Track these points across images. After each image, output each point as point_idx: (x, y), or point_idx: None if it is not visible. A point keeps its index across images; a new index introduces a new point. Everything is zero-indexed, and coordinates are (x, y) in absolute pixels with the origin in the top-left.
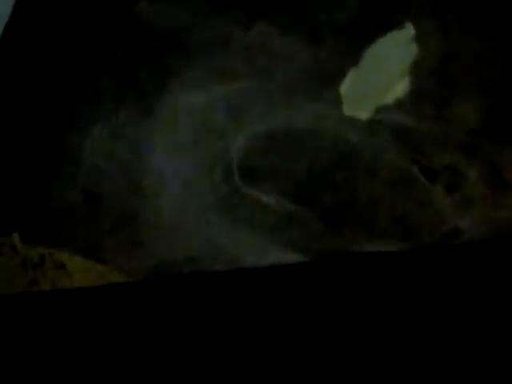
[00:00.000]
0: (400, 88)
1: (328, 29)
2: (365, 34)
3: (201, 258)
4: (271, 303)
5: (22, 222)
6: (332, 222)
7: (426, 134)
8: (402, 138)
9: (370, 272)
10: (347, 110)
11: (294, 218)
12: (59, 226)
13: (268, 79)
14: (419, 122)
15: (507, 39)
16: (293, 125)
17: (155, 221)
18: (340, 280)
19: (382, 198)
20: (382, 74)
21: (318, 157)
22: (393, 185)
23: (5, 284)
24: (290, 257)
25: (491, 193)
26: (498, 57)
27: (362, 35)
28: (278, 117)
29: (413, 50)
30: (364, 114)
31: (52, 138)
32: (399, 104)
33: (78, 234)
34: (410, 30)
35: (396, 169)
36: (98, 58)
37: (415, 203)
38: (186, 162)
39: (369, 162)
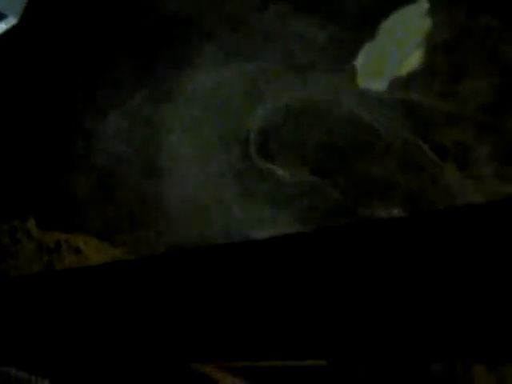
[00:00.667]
0: (413, 60)
1: (343, 5)
2: (379, 9)
3: (216, 236)
4: (281, 274)
5: (38, 208)
6: (345, 197)
7: (437, 110)
8: (413, 115)
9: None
10: (362, 83)
11: (310, 190)
12: (75, 211)
13: (284, 57)
14: (430, 98)
15: None
16: (308, 101)
17: (171, 203)
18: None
19: (394, 174)
20: (396, 47)
21: (331, 132)
22: (404, 161)
23: (21, 269)
24: (304, 229)
25: (502, 169)
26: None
27: (376, 11)
28: (293, 93)
29: (426, 24)
30: (378, 86)
31: (68, 122)
32: (412, 76)
33: (93, 218)
34: (423, 4)
35: (407, 145)
36: (114, 42)
37: (426, 180)
38: (202, 141)
39: (380, 139)
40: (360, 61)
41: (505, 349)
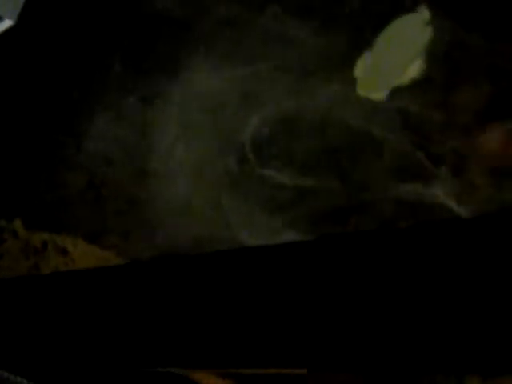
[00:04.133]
0: (414, 69)
1: (341, 12)
2: (378, 17)
3: (211, 241)
4: (281, 282)
5: (25, 208)
6: (337, 205)
7: (432, 118)
8: (408, 123)
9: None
10: (361, 91)
11: (306, 197)
12: (62, 212)
13: (281, 62)
14: (425, 106)
15: None
16: (305, 107)
17: (163, 206)
18: (345, 259)
19: (387, 182)
20: (396, 56)
21: (328, 139)
22: (397, 169)
23: (6, 269)
24: (301, 236)
25: (496, 176)
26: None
27: (374, 19)
28: (291, 99)
29: (427, 33)
30: (378, 95)
31: (58, 123)
32: (413, 85)
33: (82, 220)
34: (424, 13)
35: (401, 153)
36: (107, 42)
37: (420, 187)
38: (195, 145)
39: (374, 146)
40: (359, 69)
41: (500, 360)
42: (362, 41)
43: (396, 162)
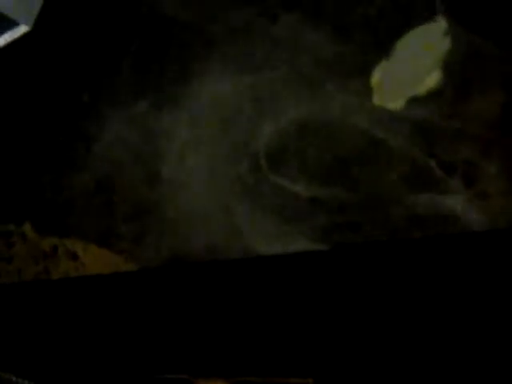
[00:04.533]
0: (432, 79)
1: (355, 22)
2: (395, 26)
3: (223, 248)
4: (293, 291)
5: (34, 211)
6: (350, 215)
7: (445, 128)
8: (421, 133)
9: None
10: (378, 101)
11: (320, 204)
12: (72, 216)
13: (295, 70)
14: (440, 116)
15: None
16: (319, 114)
17: (174, 211)
18: (356, 268)
19: (400, 192)
20: (414, 66)
21: (342, 148)
22: (410, 179)
23: (15, 274)
24: (313, 245)
25: (509, 186)
26: None
27: (391, 28)
28: (304, 106)
29: (445, 43)
30: (395, 105)
31: (69, 127)
32: (428, 95)
33: (91, 224)
34: (441, 24)
35: (414, 163)
36: (118, 48)
37: (432, 196)
38: (208, 153)
39: (387, 155)
40: (376, 79)
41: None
42: (378, 50)
43: (409, 171)
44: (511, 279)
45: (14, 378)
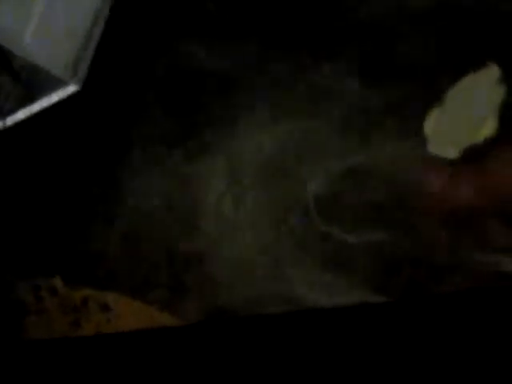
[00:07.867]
0: (489, 126)
1: (399, 70)
2: (441, 74)
3: (268, 301)
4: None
5: (62, 263)
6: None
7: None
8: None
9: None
10: (434, 149)
11: (374, 253)
12: (103, 267)
13: (342, 119)
14: (497, 163)
15: None
16: (370, 163)
17: (213, 262)
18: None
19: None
20: (469, 114)
21: (396, 197)
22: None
23: (44, 328)
24: (371, 296)
25: None
26: None
27: (437, 76)
28: (353, 156)
29: (500, 90)
30: (451, 153)
31: (100, 176)
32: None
33: (125, 275)
34: (495, 70)
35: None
36: (153, 96)
37: (476, 244)
38: (250, 204)
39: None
40: (430, 127)
41: None
42: (426, 98)
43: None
44: None
45: None
